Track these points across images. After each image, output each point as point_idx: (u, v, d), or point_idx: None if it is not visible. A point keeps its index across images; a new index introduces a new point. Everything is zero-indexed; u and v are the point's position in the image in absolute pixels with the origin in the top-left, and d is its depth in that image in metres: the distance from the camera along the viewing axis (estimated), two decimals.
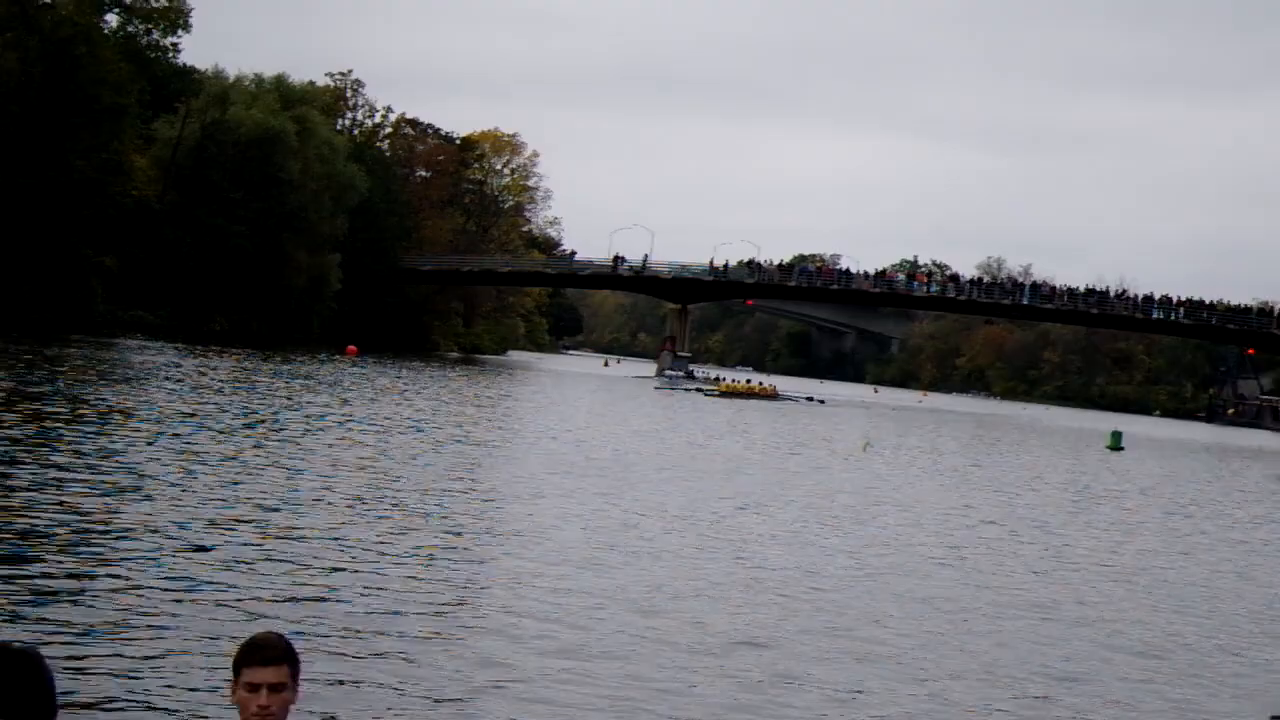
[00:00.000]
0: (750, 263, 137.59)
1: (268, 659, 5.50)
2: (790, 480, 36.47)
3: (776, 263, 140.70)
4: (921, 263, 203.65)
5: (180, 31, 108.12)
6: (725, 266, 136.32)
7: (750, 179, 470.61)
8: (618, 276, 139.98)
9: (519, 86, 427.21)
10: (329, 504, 22.92)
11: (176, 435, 30.90)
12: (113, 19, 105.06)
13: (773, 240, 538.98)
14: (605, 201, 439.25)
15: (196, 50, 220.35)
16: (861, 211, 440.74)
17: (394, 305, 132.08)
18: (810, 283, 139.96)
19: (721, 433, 54.17)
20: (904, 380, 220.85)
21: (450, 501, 24.94)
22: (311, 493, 24.04)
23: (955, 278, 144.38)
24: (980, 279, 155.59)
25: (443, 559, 18.79)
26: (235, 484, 23.92)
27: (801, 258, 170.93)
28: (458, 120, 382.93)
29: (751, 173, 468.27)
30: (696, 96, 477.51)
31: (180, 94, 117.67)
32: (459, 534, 21.33)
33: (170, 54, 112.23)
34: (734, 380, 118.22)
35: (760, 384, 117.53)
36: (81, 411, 33.61)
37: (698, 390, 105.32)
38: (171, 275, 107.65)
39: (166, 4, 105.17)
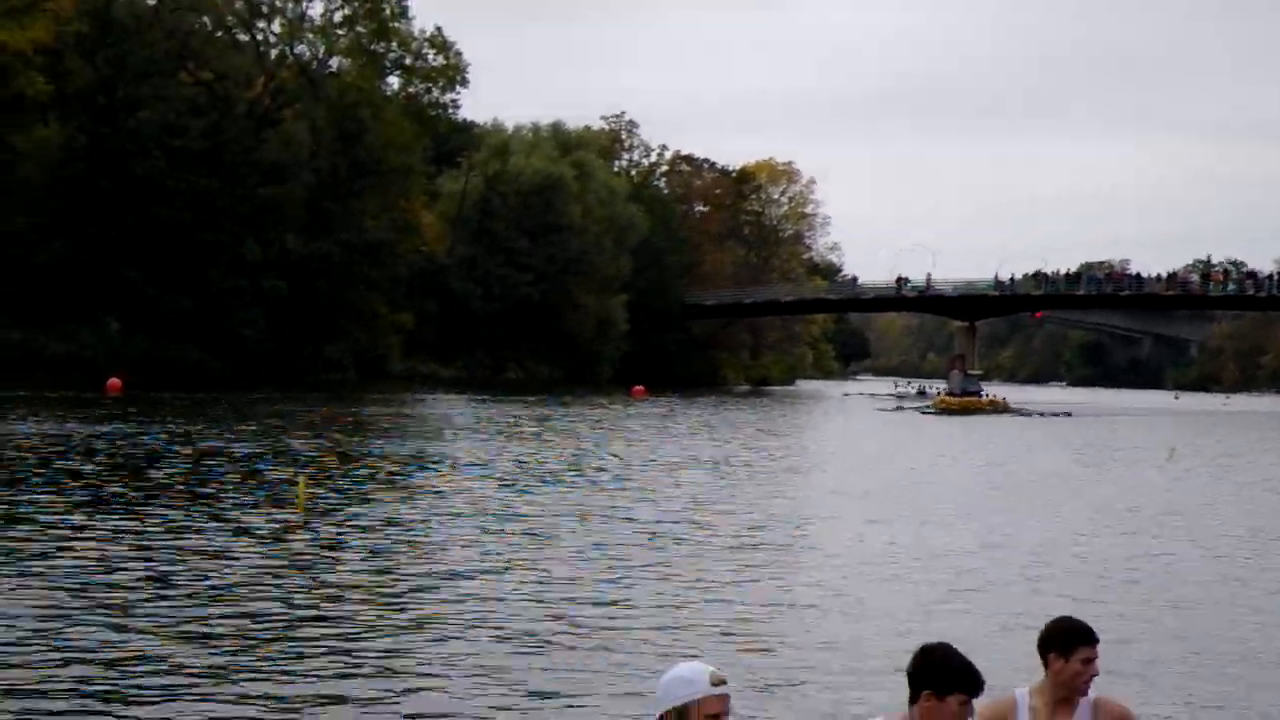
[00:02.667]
0: (1036, 274, 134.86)
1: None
2: (1123, 495, 35.09)
3: (1063, 272, 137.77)
4: (1215, 262, 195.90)
5: (459, 88, 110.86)
6: (1011, 279, 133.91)
7: (1028, 192, 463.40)
8: (902, 298, 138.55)
9: (790, 115, 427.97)
10: (697, 539, 23.05)
11: (515, 483, 31.52)
12: (394, 81, 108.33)
13: (1057, 251, 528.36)
14: (884, 224, 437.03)
15: (474, 105, 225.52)
16: (1147, 216, 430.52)
17: (680, 342, 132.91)
18: (1099, 290, 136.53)
19: (1006, 454, 52.84)
20: (1204, 384, 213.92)
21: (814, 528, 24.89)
22: (673, 530, 24.22)
23: (1253, 274, 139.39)
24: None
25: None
26: (601, 529, 24.22)
27: (1088, 265, 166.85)
28: (732, 153, 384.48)
29: (1029, 186, 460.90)
30: (966, 114, 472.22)
31: (461, 148, 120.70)
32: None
33: (450, 110, 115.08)
34: (950, 394, 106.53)
35: (989, 396, 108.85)
36: (429, 464, 34.65)
37: (915, 409, 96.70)
38: (463, 327, 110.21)
39: (445, 62, 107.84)
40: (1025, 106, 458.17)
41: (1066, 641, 6.59)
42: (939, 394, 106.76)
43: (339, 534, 22.47)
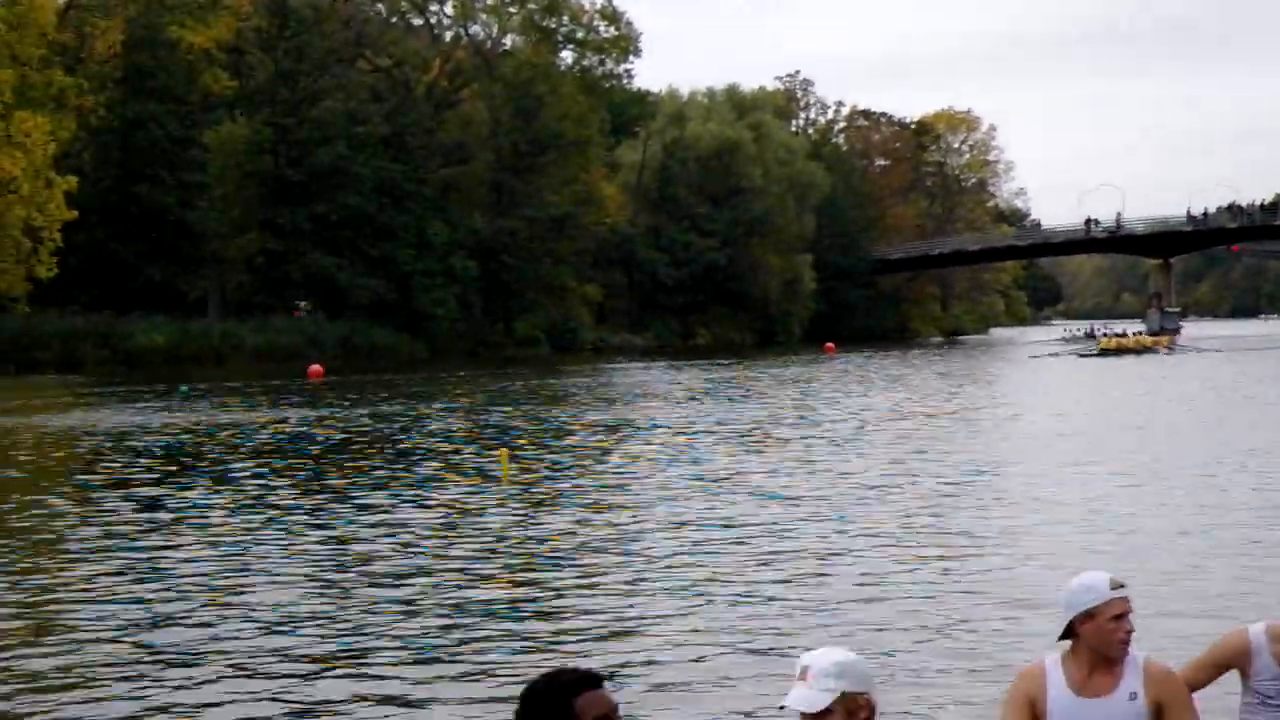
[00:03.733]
0: (1230, 206, 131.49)
1: None
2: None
3: (1259, 203, 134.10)
4: None
5: (631, 58, 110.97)
6: (1204, 213, 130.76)
7: (1215, 124, 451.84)
8: (1092, 239, 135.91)
9: (964, 62, 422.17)
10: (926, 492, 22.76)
11: (719, 443, 31.43)
12: (568, 55, 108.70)
13: (1250, 183, 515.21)
14: (1069, 166, 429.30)
15: (648, 74, 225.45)
16: None
17: (869, 298, 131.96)
18: None
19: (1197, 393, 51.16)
20: None
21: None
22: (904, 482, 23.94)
23: None
24: None
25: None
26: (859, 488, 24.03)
27: None
28: (909, 105, 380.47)
29: (1215, 118, 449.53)
30: (1143, 48, 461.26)
31: (638, 118, 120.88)
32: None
33: (624, 81, 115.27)
34: (1119, 334, 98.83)
35: (1150, 335, 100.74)
36: (639, 430, 34.75)
37: (1072, 353, 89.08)
38: (651, 296, 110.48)
39: (616, 33, 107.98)
40: (1202, 37, 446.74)
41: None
42: (1104, 336, 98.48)
43: (545, 503, 22.47)
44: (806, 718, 5.06)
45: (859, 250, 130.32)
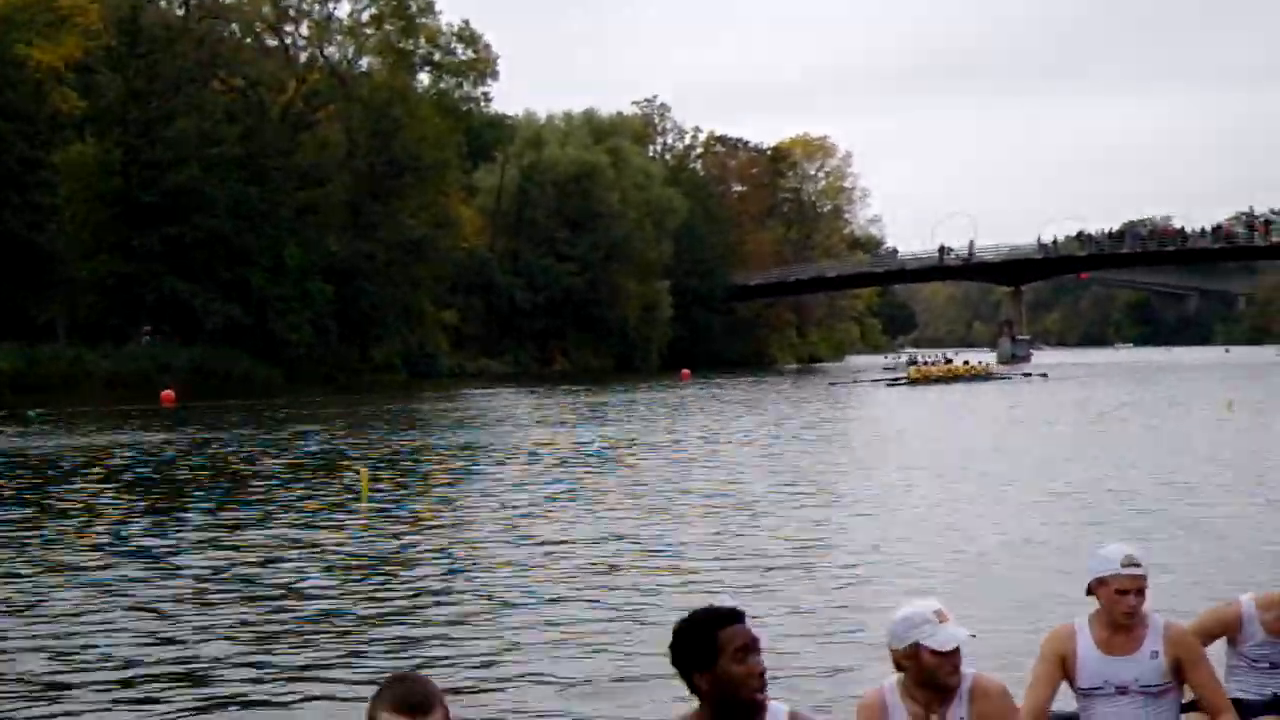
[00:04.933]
0: (1079, 235, 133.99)
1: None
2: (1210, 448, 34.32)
3: (1106, 231, 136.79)
4: (1258, 213, 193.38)
5: (489, 80, 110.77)
6: (1054, 241, 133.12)
7: (1064, 153, 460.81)
8: (946, 267, 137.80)
9: (819, 93, 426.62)
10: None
11: (567, 467, 31.27)
12: (424, 78, 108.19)
13: (1097, 212, 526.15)
14: (922, 196, 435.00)
15: (505, 97, 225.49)
16: (1184, 171, 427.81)
17: (727, 324, 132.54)
18: (1145, 247, 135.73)
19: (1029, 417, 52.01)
20: (1257, 338, 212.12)
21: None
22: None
23: None
24: None
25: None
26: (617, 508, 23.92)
27: (1131, 223, 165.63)
28: (766, 132, 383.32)
29: (1064, 147, 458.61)
30: (996, 79, 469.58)
31: (496, 142, 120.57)
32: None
33: (482, 104, 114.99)
34: (928, 363, 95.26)
35: (968, 362, 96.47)
36: (508, 457, 34.47)
37: (882, 380, 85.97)
38: (508, 321, 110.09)
39: (474, 55, 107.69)
40: (1053, 68, 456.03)
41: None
42: (915, 365, 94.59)
43: (404, 524, 22.26)
44: (948, 655, 5.81)
45: (717, 276, 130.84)
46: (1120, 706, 6.67)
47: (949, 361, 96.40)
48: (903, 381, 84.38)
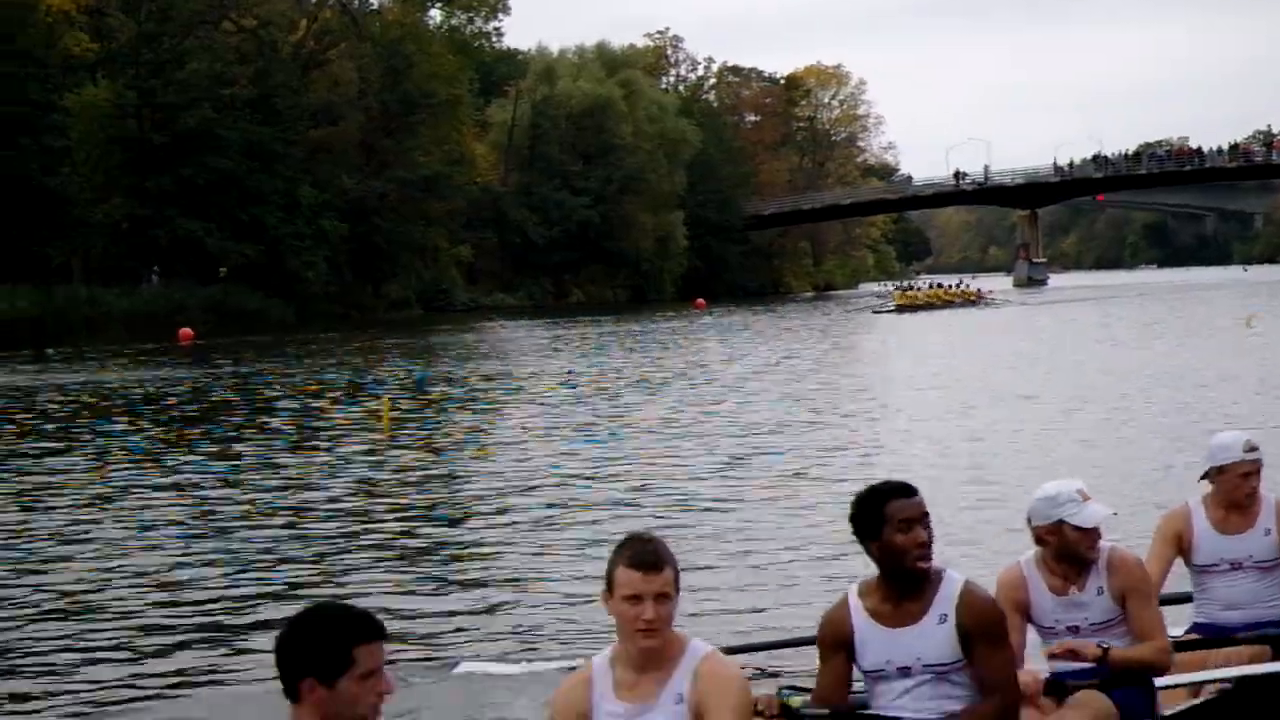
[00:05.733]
0: (1095, 157, 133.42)
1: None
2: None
3: (1123, 153, 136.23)
4: (1275, 131, 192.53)
5: (500, 15, 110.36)
6: (1070, 164, 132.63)
7: (1077, 79, 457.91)
8: (961, 192, 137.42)
9: (832, 21, 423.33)
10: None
11: (580, 396, 31.55)
12: (436, 14, 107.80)
13: (1115, 136, 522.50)
14: (936, 122, 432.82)
15: (517, 32, 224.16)
16: (1203, 97, 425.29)
17: (742, 253, 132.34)
18: (1161, 167, 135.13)
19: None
20: (1275, 255, 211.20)
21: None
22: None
23: None
24: None
25: None
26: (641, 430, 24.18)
27: (1148, 145, 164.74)
28: (778, 62, 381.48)
29: (1077, 73, 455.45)
30: (1001, 7, 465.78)
31: (508, 77, 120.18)
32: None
33: (494, 39, 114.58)
34: (916, 285, 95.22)
35: (962, 287, 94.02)
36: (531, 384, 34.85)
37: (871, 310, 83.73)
38: (523, 255, 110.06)
39: None
40: None
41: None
42: (898, 290, 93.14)
43: (424, 451, 22.62)
44: (1088, 531, 6.24)
45: (731, 206, 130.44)
46: (1236, 581, 7.22)
47: (941, 287, 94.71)
48: (888, 308, 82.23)
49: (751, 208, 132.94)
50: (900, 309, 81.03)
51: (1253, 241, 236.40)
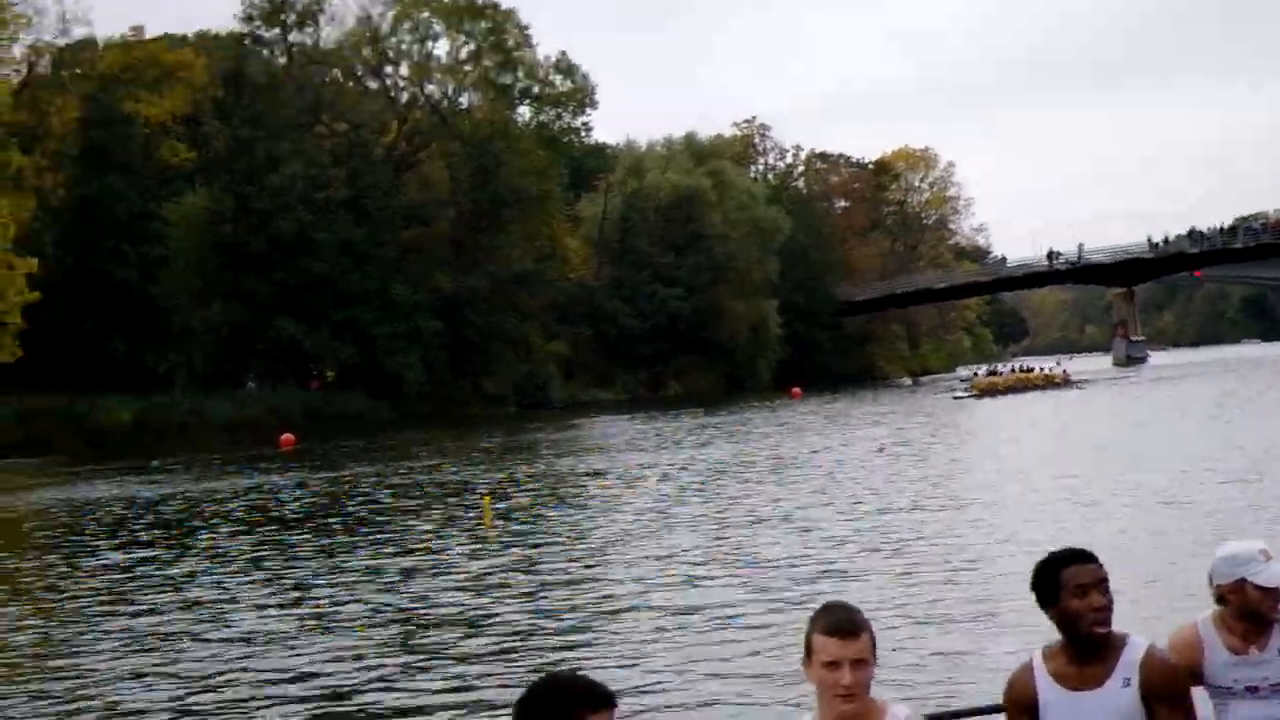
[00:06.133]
0: (1190, 232, 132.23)
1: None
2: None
3: (1219, 227, 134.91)
4: None
5: (588, 110, 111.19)
6: (1165, 240, 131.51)
7: (1166, 150, 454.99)
8: (1054, 271, 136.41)
9: (909, 106, 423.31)
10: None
11: (687, 486, 31.39)
12: (524, 111, 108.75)
13: (1204, 209, 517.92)
14: (1027, 202, 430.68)
15: (605, 125, 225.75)
16: None
17: (835, 339, 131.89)
18: (1258, 240, 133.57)
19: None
20: None
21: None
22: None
23: None
24: None
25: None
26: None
27: (1243, 219, 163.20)
28: (865, 146, 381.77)
29: (1165, 145, 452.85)
30: (1082, 83, 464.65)
31: (597, 171, 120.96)
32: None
33: (582, 134, 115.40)
34: (999, 369, 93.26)
35: (1044, 370, 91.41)
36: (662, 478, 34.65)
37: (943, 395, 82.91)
38: (618, 349, 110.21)
39: (572, 85, 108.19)
40: (1140, 67, 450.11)
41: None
42: (976, 375, 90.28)
43: (523, 548, 22.58)
44: (1271, 591, 6.08)
45: (823, 292, 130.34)
46: None
47: (1029, 370, 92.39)
48: (965, 394, 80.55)
49: (844, 293, 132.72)
50: (981, 394, 79.40)
51: None
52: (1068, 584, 5.56)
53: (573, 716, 4.30)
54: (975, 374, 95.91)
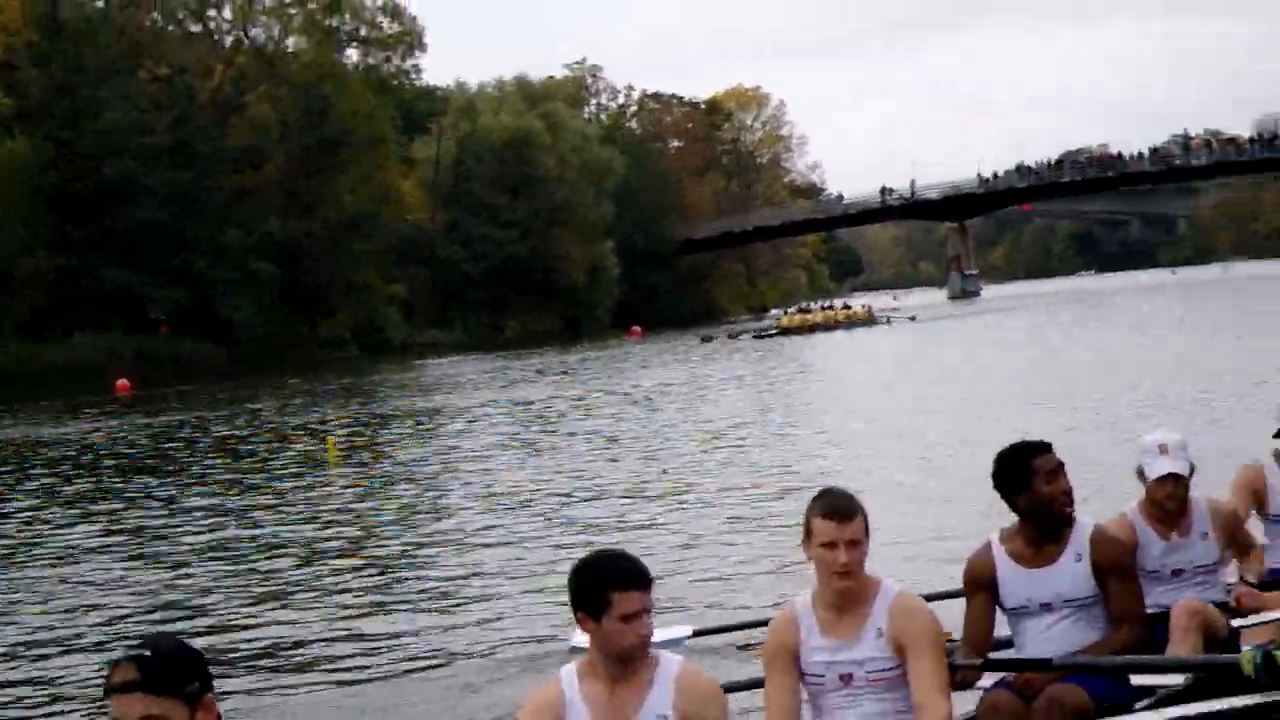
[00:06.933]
0: (1019, 167, 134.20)
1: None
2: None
3: (1046, 161, 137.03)
4: (1193, 134, 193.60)
5: (417, 53, 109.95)
6: (994, 175, 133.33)
7: (995, 91, 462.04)
8: (887, 207, 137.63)
9: (741, 45, 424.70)
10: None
11: (519, 429, 31.09)
12: (353, 54, 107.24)
13: (1032, 145, 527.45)
14: (857, 140, 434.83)
15: (435, 69, 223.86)
16: (1115, 101, 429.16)
17: (674, 279, 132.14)
18: (1083, 174, 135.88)
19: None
20: (1201, 257, 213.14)
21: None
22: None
23: (1233, 140, 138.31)
24: (1261, 135, 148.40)
25: None
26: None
27: (1069, 153, 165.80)
28: (697, 87, 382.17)
29: (995, 84, 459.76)
30: (920, 21, 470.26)
31: (429, 114, 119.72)
32: None
33: (413, 77, 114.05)
34: (806, 309, 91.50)
35: (848, 308, 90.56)
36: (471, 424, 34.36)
37: (751, 334, 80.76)
38: (456, 291, 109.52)
39: (400, 29, 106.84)
40: (970, 8, 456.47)
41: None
42: (787, 313, 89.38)
43: (370, 483, 22.40)
44: (1171, 481, 6.79)
45: (660, 233, 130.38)
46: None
47: (847, 308, 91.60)
48: (772, 332, 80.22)
49: (681, 233, 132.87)
50: (785, 332, 79.01)
51: (1176, 245, 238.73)
52: (1039, 470, 6.12)
53: (604, 594, 4.89)
54: (784, 313, 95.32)
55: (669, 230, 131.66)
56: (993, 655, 6.30)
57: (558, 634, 10.72)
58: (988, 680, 6.23)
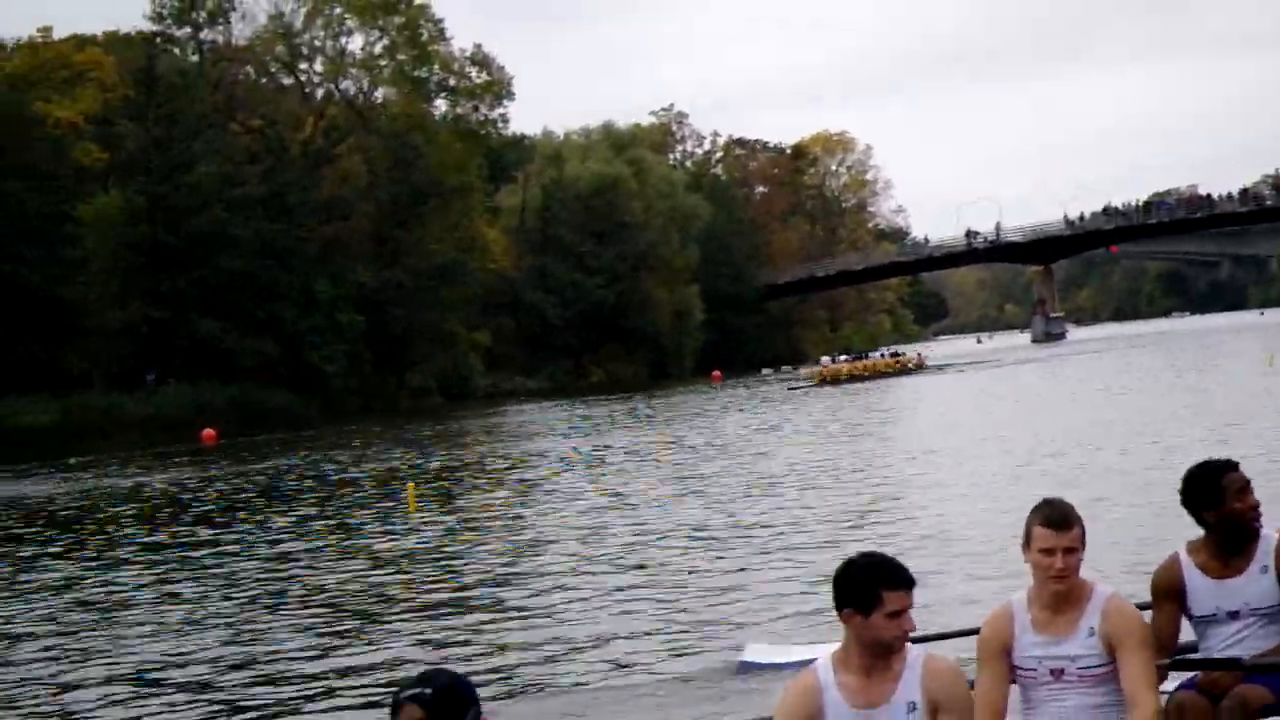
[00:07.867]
0: (1106, 209, 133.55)
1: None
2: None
3: (1134, 203, 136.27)
4: None
5: (505, 102, 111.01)
6: (1081, 217, 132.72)
7: (1081, 132, 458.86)
8: (973, 251, 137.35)
9: (830, 88, 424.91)
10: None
11: (602, 470, 31.52)
12: (441, 104, 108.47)
13: (1121, 186, 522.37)
14: (945, 183, 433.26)
15: (522, 117, 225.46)
16: (1206, 139, 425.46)
17: (758, 324, 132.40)
18: (1172, 216, 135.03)
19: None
20: None
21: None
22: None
23: None
24: None
25: None
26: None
27: (1158, 194, 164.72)
28: (782, 131, 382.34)
29: (1081, 126, 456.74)
30: (1002, 62, 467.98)
31: (516, 163, 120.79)
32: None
33: (500, 126, 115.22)
34: (844, 360, 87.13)
35: (898, 356, 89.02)
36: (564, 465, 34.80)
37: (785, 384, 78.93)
38: (541, 338, 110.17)
39: (488, 78, 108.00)
40: (1051, 50, 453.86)
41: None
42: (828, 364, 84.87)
43: (449, 530, 22.71)
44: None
45: (745, 277, 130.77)
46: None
47: (896, 356, 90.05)
48: (802, 384, 76.60)
49: (765, 278, 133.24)
50: (821, 383, 75.71)
51: (1268, 285, 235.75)
52: (1230, 488, 6.47)
53: (876, 592, 5.35)
54: (819, 363, 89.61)
55: (753, 275, 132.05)
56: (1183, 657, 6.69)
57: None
58: (1171, 683, 6.57)
